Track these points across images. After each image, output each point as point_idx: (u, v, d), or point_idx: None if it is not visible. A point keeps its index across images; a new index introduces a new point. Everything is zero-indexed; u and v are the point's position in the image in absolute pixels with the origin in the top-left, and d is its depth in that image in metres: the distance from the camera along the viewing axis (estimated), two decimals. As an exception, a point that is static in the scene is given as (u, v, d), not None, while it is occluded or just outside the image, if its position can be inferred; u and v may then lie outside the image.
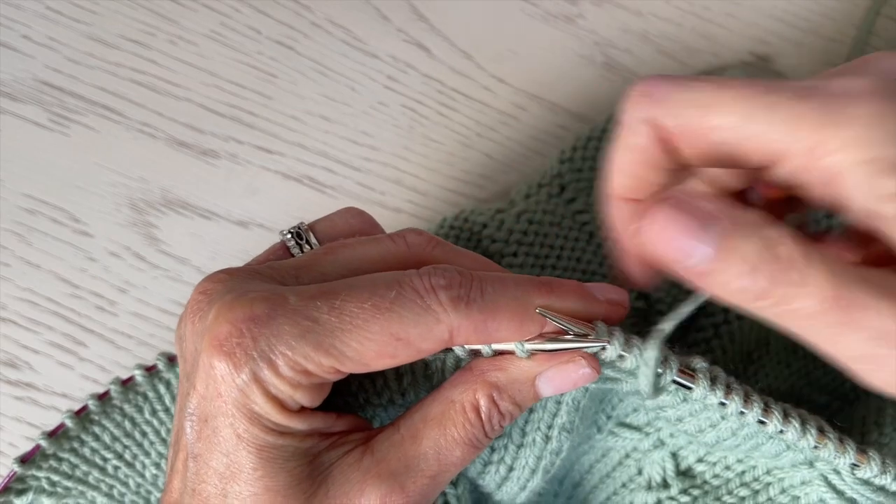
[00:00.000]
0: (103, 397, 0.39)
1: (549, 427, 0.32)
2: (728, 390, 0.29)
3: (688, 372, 0.29)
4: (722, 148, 0.27)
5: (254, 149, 0.49)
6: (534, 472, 0.33)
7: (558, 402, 0.32)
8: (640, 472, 0.35)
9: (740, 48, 0.51)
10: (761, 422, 0.29)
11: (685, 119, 0.27)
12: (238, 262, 0.47)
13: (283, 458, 0.27)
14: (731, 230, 0.24)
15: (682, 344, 0.40)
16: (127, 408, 0.37)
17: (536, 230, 0.42)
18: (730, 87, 0.26)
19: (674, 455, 0.35)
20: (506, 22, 0.51)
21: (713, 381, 0.29)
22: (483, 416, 0.29)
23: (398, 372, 0.31)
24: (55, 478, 0.37)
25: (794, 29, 0.51)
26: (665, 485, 0.34)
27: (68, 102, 0.49)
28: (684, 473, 0.34)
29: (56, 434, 0.38)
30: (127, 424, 0.37)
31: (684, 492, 0.33)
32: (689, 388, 0.29)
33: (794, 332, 0.25)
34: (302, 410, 0.28)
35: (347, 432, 0.29)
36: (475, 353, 0.29)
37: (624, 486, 0.36)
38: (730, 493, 0.33)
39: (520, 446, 0.33)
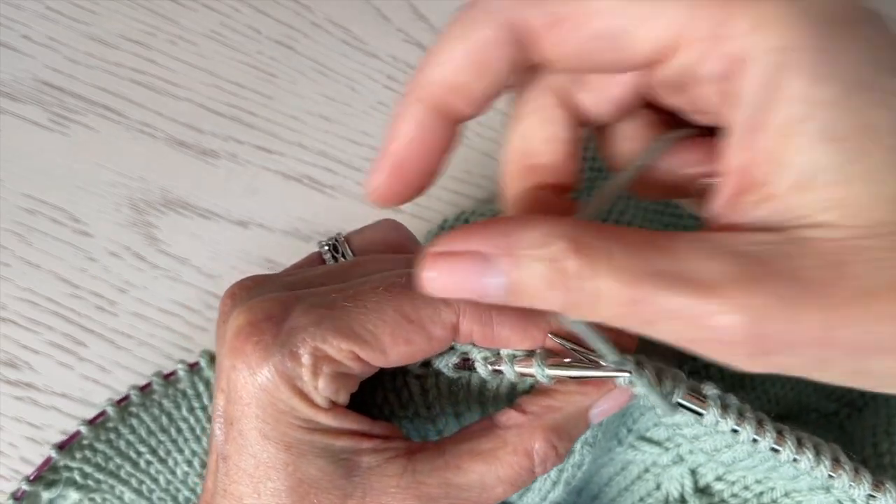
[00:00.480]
0: (145, 389, 0.39)
1: None
2: (741, 418, 0.28)
3: (699, 398, 0.29)
4: (601, 42, 0.22)
5: (254, 149, 0.49)
6: (555, 483, 0.33)
7: None
8: (658, 487, 0.35)
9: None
10: (774, 450, 0.29)
11: (558, 7, 0.22)
12: (238, 262, 0.47)
13: (314, 455, 0.27)
14: (511, 265, 0.22)
15: (691, 356, 0.40)
16: (166, 402, 0.37)
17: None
18: None
19: (693, 472, 0.34)
20: (506, 22, 0.51)
21: (724, 409, 0.29)
22: (537, 459, 0.28)
23: (423, 388, 0.31)
24: (88, 469, 0.37)
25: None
26: (682, 501, 0.34)
27: (68, 102, 0.49)
28: (702, 490, 0.33)
29: (95, 423, 0.38)
30: (164, 419, 0.37)
31: None
32: (699, 414, 0.28)
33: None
34: (332, 408, 0.27)
35: (388, 437, 0.29)
36: (497, 373, 0.29)
37: (642, 500, 0.36)
38: None
39: None
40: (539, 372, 0.28)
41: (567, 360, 0.28)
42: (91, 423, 0.37)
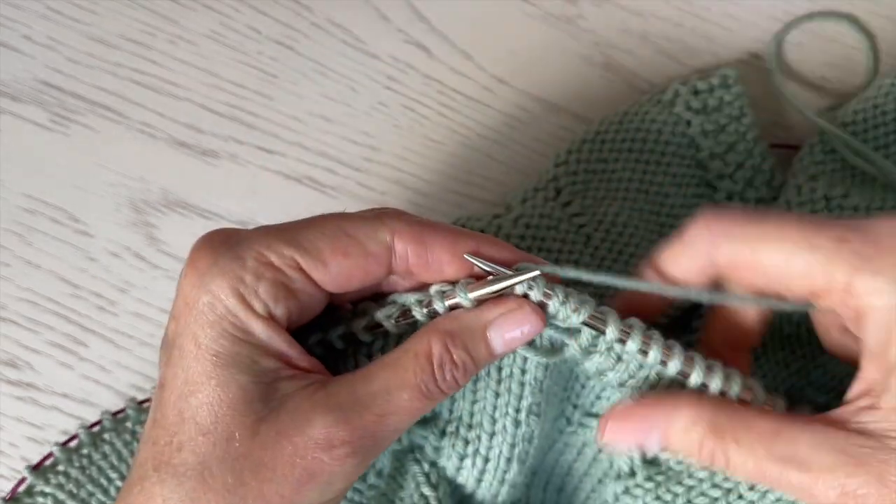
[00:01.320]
0: (117, 415, 0.38)
1: (517, 410, 0.33)
2: (647, 338, 0.32)
3: (599, 317, 0.31)
4: (767, 281, 0.32)
5: (254, 149, 0.49)
6: (509, 460, 0.34)
7: (521, 384, 0.33)
8: (611, 465, 0.36)
9: (740, 48, 0.51)
10: (682, 373, 0.32)
11: (736, 255, 0.32)
12: (238, 263, 0.47)
13: (237, 369, 0.28)
14: (665, 439, 0.32)
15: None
16: (139, 429, 0.37)
17: (534, 234, 0.42)
18: (778, 227, 0.31)
19: None
20: (506, 22, 0.51)
21: (628, 328, 0.31)
22: (435, 361, 0.30)
23: (371, 354, 0.33)
24: (61, 496, 0.37)
25: (795, 29, 0.51)
26: (633, 474, 0.35)
27: (68, 102, 0.49)
28: (650, 462, 0.35)
29: (67, 445, 0.37)
30: (135, 446, 0.37)
31: (649, 478, 0.34)
32: (601, 332, 0.31)
33: None
34: (268, 318, 0.29)
35: (310, 371, 0.30)
36: (432, 313, 0.31)
37: (600, 481, 0.37)
38: (690, 475, 0.34)
39: (491, 434, 0.34)
40: (461, 296, 0.30)
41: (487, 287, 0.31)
42: (63, 445, 0.37)
